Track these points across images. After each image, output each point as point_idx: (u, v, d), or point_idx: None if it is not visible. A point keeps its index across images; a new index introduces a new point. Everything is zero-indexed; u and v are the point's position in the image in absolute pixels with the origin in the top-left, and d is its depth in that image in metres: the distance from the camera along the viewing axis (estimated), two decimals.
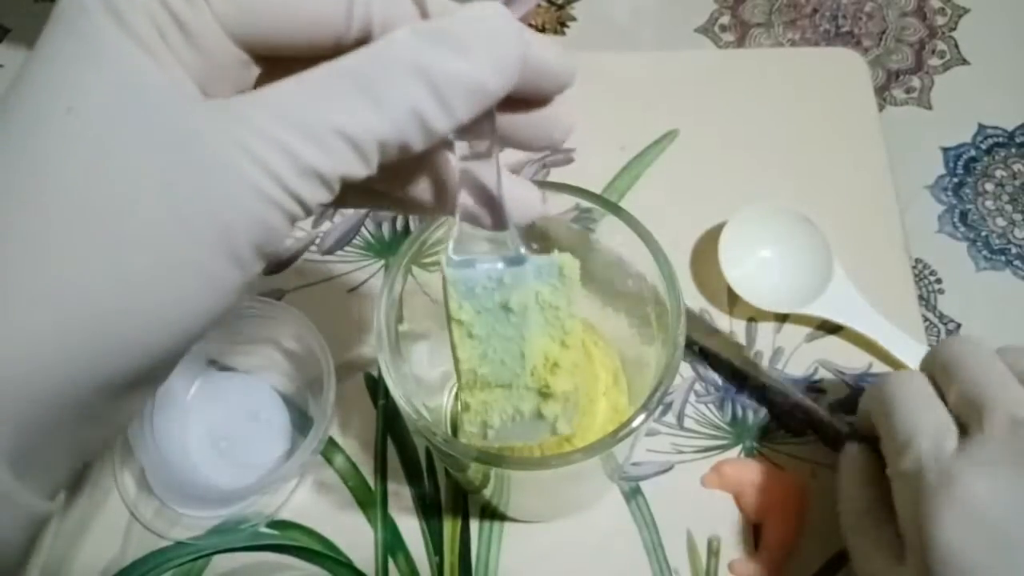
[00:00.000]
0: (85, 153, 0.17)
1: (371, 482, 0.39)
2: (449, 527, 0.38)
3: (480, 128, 0.20)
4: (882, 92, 0.49)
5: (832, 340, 0.42)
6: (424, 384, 0.34)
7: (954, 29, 0.51)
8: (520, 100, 0.21)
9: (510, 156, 0.45)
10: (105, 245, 0.17)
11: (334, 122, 0.17)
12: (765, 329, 0.42)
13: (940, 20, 0.52)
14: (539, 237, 0.32)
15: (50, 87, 0.17)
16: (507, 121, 0.22)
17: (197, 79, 0.18)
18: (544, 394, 0.25)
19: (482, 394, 0.25)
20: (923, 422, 0.31)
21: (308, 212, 0.18)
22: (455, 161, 0.22)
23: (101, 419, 0.20)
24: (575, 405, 0.26)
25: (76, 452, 0.20)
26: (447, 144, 0.22)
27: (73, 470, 0.20)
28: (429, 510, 0.39)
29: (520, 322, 0.24)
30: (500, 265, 0.23)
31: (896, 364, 0.41)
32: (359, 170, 0.18)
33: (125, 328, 0.18)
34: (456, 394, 0.36)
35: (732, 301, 0.43)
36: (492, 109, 0.19)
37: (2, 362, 0.17)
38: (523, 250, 0.23)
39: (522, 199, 0.24)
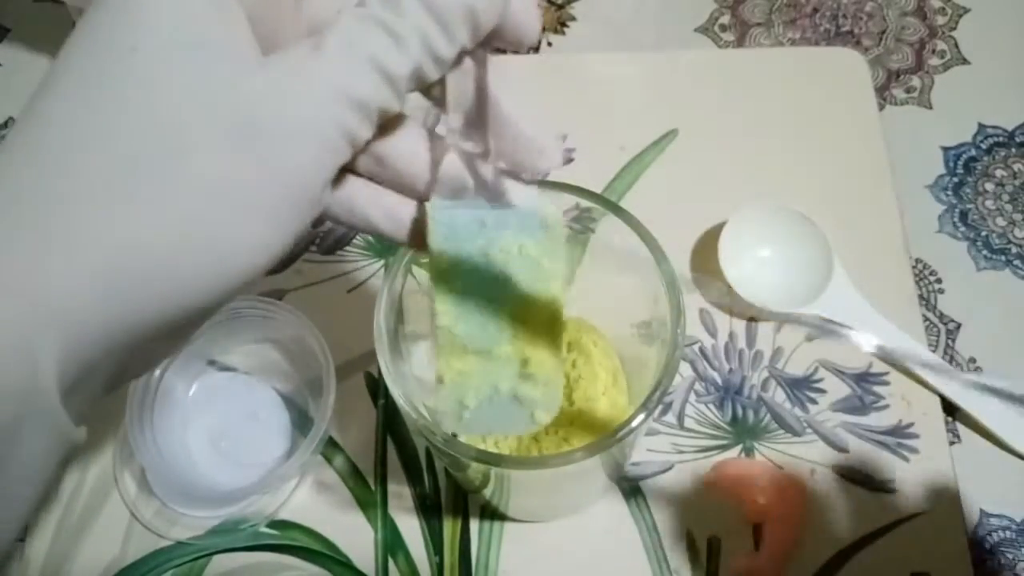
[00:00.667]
0: (151, 92, 0.18)
1: (371, 482, 0.39)
2: (449, 527, 0.38)
3: (474, 111, 0.22)
4: (882, 92, 0.49)
5: (832, 340, 0.42)
6: (424, 384, 0.34)
7: (954, 29, 0.51)
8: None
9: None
10: (169, 187, 0.18)
11: (372, 58, 0.19)
12: (765, 329, 0.42)
13: (940, 20, 0.52)
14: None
15: (114, 28, 0.18)
16: (498, 140, 0.23)
17: (251, 14, 0.19)
18: (524, 374, 0.25)
19: (458, 363, 0.25)
20: None
21: (354, 151, 0.20)
22: (446, 137, 0.23)
23: (144, 353, 0.21)
24: (556, 392, 0.26)
25: (111, 382, 0.21)
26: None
27: (100, 399, 0.21)
28: (429, 510, 0.39)
29: (501, 275, 0.24)
30: (484, 208, 0.23)
31: (896, 364, 0.41)
32: (393, 102, 0.20)
33: (185, 272, 0.18)
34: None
35: (732, 301, 0.43)
36: (485, 93, 0.21)
37: (62, 295, 0.17)
38: (510, 200, 0.23)
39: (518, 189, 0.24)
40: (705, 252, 0.44)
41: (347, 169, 0.22)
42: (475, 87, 0.22)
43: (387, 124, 0.21)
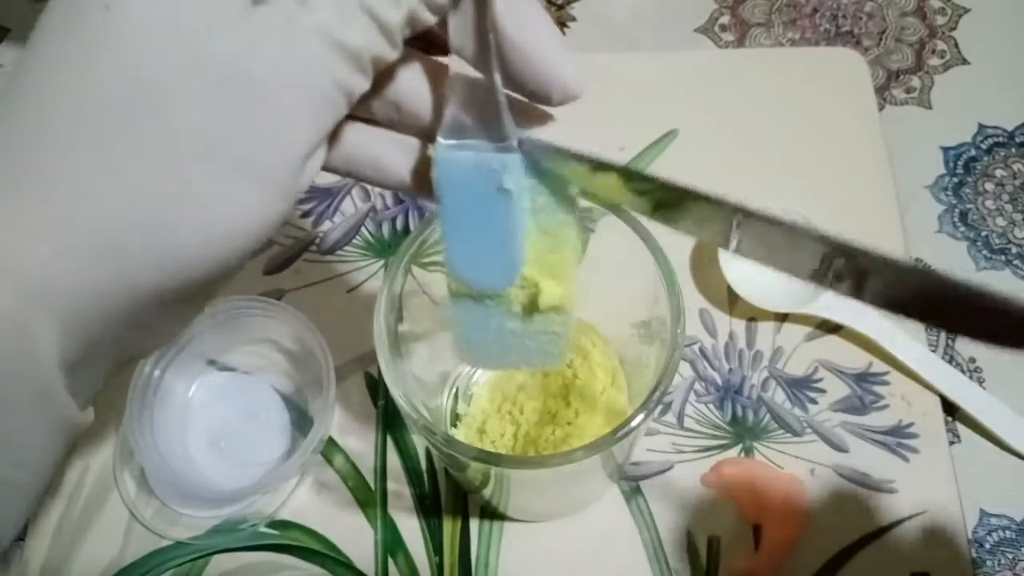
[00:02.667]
0: (126, 51, 0.17)
1: (371, 482, 0.39)
2: (449, 527, 0.38)
3: (478, 44, 0.21)
4: (882, 92, 0.49)
5: (832, 340, 0.42)
6: (424, 384, 0.34)
7: (954, 29, 0.51)
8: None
9: None
10: (151, 149, 0.17)
11: (362, 4, 0.18)
12: (765, 329, 0.42)
13: (940, 20, 0.52)
14: None
15: None
16: (508, 68, 0.21)
17: None
18: (531, 317, 0.24)
19: (466, 299, 0.24)
20: None
21: (349, 104, 0.19)
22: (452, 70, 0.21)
23: (149, 328, 0.20)
24: (564, 339, 0.25)
25: (115, 360, 0.20)
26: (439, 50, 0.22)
27: (107, 378, 0.20)
28: (429, 510, 0.39)
29: (508, 220, 0.23)
30: (492, 151, 0.22)
31: (896, 364, 0.41)
32: (388, 50, 0.19)
33: (176, 239, 0.18)
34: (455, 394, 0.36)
35: (732, 301, 0.43)
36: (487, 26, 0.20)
37: (48, 266, 0.17)
38: (515, 142, 0.22)
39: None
40: (705, 252, 0.44)
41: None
42: (475, 24, 0.20)
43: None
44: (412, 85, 0.22)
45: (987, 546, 0.38)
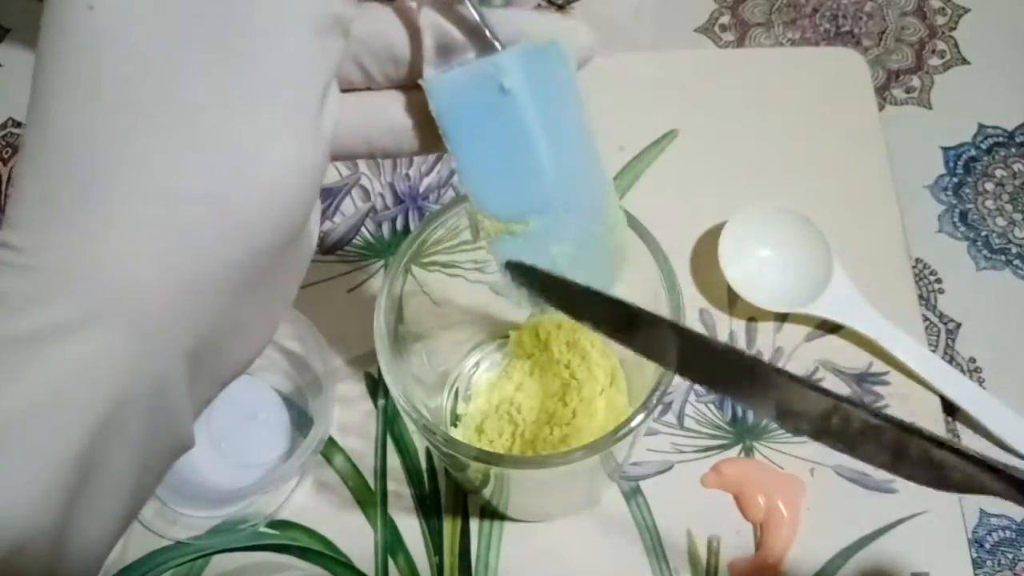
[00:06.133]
0: (113, 48, 0.17)
1: (371, 482, 0.39)
2: (449, 527, 0.38)
3: None
4: (882, 92, 0.49)
5: (832, 340, 0.42)
6: (424, 384, 0.34)
7: (954, 29, 0.51)
8: None
9: None
10: (176, 116, 0.17)
11: None
12: (765, 329, 0.42)
13: (940, 20, 0.52)
14: None
15: None
16: None
17: None
18: (570, 242, 0.23)
19: (503, 237, 0.23)
20: None
21: (344, 33, 0.19)
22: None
23: (240, 327, 0.20)
24: (607, 262, 0.25)
25: (219, 377, 0.21)
26: None
27: (211, 398, 0.21)
28: (429, 510, 0.39)
29: (522, 131, 0.21)
30: (482, 61, 0.21)
31: (896, 364, 0.41)
32: None
33: (228, 199, 0.18)
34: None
35: (732, 301, 0.43)
36: None
37: (130, 268, 0.17)
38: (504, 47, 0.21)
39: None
40: (705, 252, 0.44)
41: None
42: None
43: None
44: (378, 25, 0.21)
45: (987, 546, 0.38)
